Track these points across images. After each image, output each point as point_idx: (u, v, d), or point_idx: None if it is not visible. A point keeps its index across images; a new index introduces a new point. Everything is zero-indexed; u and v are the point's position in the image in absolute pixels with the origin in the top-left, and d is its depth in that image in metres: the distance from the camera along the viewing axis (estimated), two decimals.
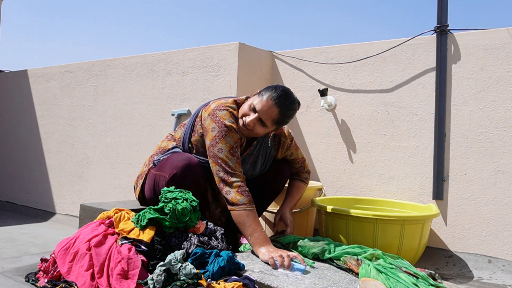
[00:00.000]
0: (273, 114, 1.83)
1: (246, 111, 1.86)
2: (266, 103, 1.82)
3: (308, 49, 2.99)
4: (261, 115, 1.83)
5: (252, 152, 1.99)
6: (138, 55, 3.45)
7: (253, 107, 1.84)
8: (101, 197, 3.61)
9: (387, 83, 2.69)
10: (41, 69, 4.21)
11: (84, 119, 3.81)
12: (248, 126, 1.84)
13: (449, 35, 2.52)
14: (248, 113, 1.85)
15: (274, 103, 1.82)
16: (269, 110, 1.82)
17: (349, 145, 2.80)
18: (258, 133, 1.88)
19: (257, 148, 2.00)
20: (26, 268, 1.92)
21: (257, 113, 1.83)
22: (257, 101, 1.84)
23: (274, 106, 1.82)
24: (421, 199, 2.56)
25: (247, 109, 1.86)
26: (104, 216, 1.75)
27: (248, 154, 1.98)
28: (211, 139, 1.82)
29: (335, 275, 1.59)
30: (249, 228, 1.73)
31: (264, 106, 1.82)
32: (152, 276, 1.44)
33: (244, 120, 1.85)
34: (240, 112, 1.89)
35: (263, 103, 1.83)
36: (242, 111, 1.88)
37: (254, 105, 1.84)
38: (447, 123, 2.49)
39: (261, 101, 1.83)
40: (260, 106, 1.82)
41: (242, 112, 1.87)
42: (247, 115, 1.85)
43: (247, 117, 1.84)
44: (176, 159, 1.83)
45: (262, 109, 1.82)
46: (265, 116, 1.83)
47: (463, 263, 2.40)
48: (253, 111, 1.84)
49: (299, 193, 2.16)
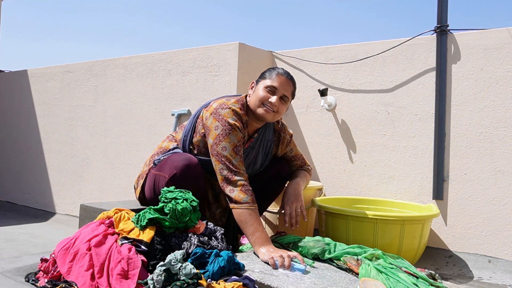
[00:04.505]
0: (289, 87, 1.92)
1: (264, 95, 1.88)
2: (280, 79, 1.89)
3: (308, 49, 2.99)
4: (283, 91, 1.89)
5: (254, 145, 1.99)
6: (138, 55, 3.45)
7: (270, 88, 1.88)
8: (101, 197, 3.61)
9: (387, 83, 2.69)
10: (41, 69, 4.21)
11: (84, 119, 3.81)
12: (274, 107, 1.88)
13: (449, 35, 2.52)
14: (268, 95, 1.88)
15: (286, 77, 1.91)
16: (286, 84, 1.90)
17: (349, 145, 2.80)
18: (280, 112, 1.92)
19: (258, 141, 2.01)
20: (26, 268, 1.91)
21: (278, 91, 1.88)
22: (270, 82, 1.89)
23: (288, 79, 1.91)
24: (421, 199, 2.56)
25: (264, 93, 1.88)
26: (104, 216, 1.75)
27: (250, 147, 1.98)
28: (215, 138, 1.81)
29: (335, 275, 1.59)
30: (251, 227, 1.73)
31: (281, 82, 1.88)
32: (152, 276, 1.43)
33: (268, 103, 1.88)
34: (254, 101, 1.90)
35: (279, 80, 1.89)
36: (258, 98, 1.89)
37: (270, 85, 1.88)
38: (447, 123, 2.49)
39: (274, 80, 1.89)
40: (278, 83, 1.88)
41: (259, 98, 1.88)
42: (267, 98, 1.88)
43: (270, 99, 1.88)
44: (176, 159, 1.82)
45: (281, 85, 1.88)
46: (285, 91, 1.90)
47: (463, 263, 2.40)
48: (271, 92, 1.88)
49: (304, 177, 2.13)
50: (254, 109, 1.90)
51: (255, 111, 1.90)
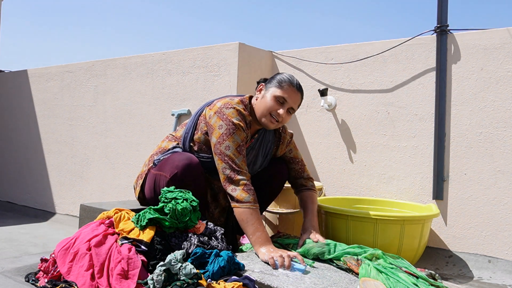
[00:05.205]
0: (298, 99, 1.93)
1: (272, 105, 1.88)
2: (292, 90, 1.89)
3: (308, 49, 2.99)
4: (291, 103, 1.89)
5: (254, 145, 2.00)
6: (138, 55, 3.45)
7: (279, 99, 1.88)
8: (101, 197, 3.61)
9: (387, 83, 2.69)
10: (41, 69, 4.21)
11: (84, 119, 3.81)
12: (279, 119, 1.89)
13: (449, 35, 2.52)
14: (276, 106, 1.88)
15: (297, 89, 1.91)
16: (295, 97, 1.90)
17: (349, 145, 2.80)
18: (284, 122, 1.94)
19: (258, 141, 2.01)
20: (26, 268, 1.91)
21: (287, 103, 1.89)
22: (280, 92, 1.88)
23: (298, 91, 1.91)
24: (421, 199, 2.56)
25: (273, 103, 1.88)
26: (104, 216, 1.75)
27: (250, 147, 1.98)
28: (218, 137, 1.82)
29: (335, 275, 1.59)
30: (252, 227, 1.73)
31: (291, 95, 1.88)
32: (152, 276, 1.43)
33: (275, 114, 1.89)
34: (262, 109, 1.90)
35: (289, 92, 1.89)
36: (266, 107, 1.88)
37: (281, 97, 1.88)
38: (447, 123, 2.49)
39: (286, 91, 1.88)
40: (288, 95, 1.88)
41: (267, 107, 1.88)
42: (275, 108, 1.88)
43: (278, 110, 1.88)
44: (177, 159, 1.82)
45: (291, 97, 1.88)
46: (294, 103, 1.91)
47: (463, 263, 2.40)
48: (279, 103, 1.88)
49: (314, 204, 2.06)
50: (259, 116, 1.91)
51: (259, 118, 1.92)
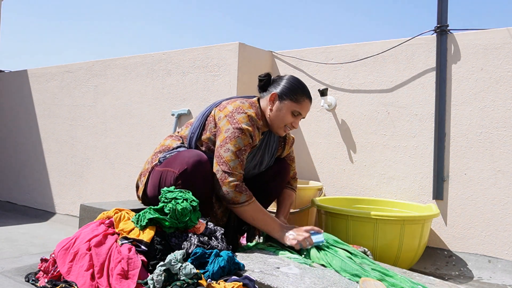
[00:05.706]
0: (309, 108, 2.01)
1: (290, 119, 1.94)
2: (307, 105, 1.96)
3: (308, 49, 2.99)
4: (304, 114, 1.98)
5: (260, 145, 2.01)
6: (138, 55, 3.45)
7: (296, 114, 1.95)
8: (101, 197, 3.61)
9: (387, 83, 2.69)
10: (41, 69, 4.21)
11: (84, 119, 3.81)
12: (293, 129, 1.99)
13: (449, 35, 2.52)
14: (292, 119, 1.95)
15: (309, 100, 1.97)
16: (309, 107, 1.99)
17: (349, 145, 2.80)
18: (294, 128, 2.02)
19: (264, 142, 2.03)
20: (26, 268, 1.91)
21: (301, 116, 1.96)
22: (298, 107, 1.94)
23: (308, 101, 1.97)
24: (421, 199, 2.56)
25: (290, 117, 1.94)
26: (104, 216, 1.75)
27: (257, 148, 2.00)
28: (222, 140, 1.83)
29: (335, 275, 1.59)
30: (260, 222, 1.82)
31: (306, 107, 1.96)
32: (152, 276, 1.43)
33: (290, 126, 1.96)
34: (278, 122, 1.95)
35: (306, 107, 1.96)
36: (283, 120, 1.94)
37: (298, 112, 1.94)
38: (447, 123, 2.49)
39: (303, 106, 1.95)
40: (305, 110, 1.96)
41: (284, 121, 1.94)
42: (291, 121, 1.95)
43: (294, 123, 1.96)
44: (187, 155, 1.83)
45: (305, 109, 1.96)
46: (306, 113, 2.00)
47: (463, 263, 2.40)
48: (294, 116, 1.95)
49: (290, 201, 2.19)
50: (274, 128, 1.97)
51: (273, 129, 1.98)
